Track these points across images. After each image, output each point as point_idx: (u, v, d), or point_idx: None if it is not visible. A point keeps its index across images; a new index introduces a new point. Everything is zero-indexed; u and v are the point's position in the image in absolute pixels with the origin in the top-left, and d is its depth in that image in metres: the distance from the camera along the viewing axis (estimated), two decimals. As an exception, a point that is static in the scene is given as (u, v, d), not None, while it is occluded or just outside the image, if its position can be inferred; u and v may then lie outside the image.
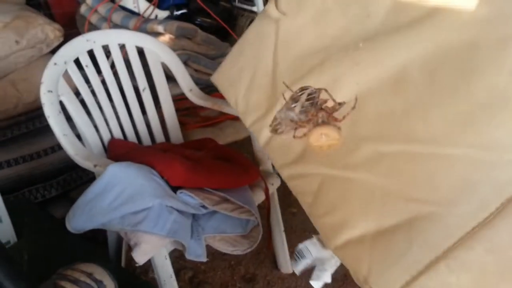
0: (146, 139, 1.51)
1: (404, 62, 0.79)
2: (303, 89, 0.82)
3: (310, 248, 0.90)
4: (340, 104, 0.81)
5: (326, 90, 0.82)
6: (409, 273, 0.68)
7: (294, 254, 0.94)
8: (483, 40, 0.71)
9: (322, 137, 0.80)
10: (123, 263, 1.45)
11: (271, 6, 1.01)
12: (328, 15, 0.94)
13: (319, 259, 0.90)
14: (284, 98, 0.89)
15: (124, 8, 2.16)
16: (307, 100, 0.80)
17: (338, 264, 0.90)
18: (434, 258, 0.68)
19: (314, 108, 0.79)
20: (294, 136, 0.86)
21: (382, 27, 0.84)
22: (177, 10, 2.15)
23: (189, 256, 1.13)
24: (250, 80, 1.04)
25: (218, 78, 1.15)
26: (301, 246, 0.93)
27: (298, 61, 0.95)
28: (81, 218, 1.09)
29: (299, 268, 0.94)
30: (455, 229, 0.67)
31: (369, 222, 0.76)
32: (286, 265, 1.63)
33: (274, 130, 0.89)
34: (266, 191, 1.34)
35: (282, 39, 1.00)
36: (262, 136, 0.98)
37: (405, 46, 0.79)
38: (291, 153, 0.91)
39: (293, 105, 0.81)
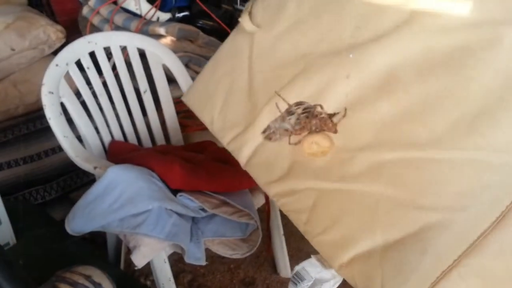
0: (146, 141, 1.51)
1: (390, 67, 0.77)
2: (299, 103, 0.82)
3: (309, 270, 0.85)
4: (333, 115, 0.81)
5: (321, 106, 0.82)
6: (424, 286, 0.67)
7: (292, 277, 0.88)
8: (471, 43, 0.71)
9: (313, 145, 0.80)
10: (122, 266, 1.44)
11: (245, 19, 0.97)
12: (302, 25, 0.91)
13: (318, 280, 0.85)
14: (278, 108, 0.87)
15: (126, 10, 2.16)
16: (303, 113, 0.80)
17: (337, 284, 0.86)
18: (446, 268, 0.66)
19: (308, 118, 0.79)
20: (289, 143, 0.85)
21: (361, 34, 0.82)
22: (179, 12, 2.15)
23: (188, 259, 1.13)
24: (225, 98, 0.99)
25: (190, 98, 1.08)
26: (298, 268, 0.87)
27: (275, 72, 0.92)
28: (80, 220, 1.09)
29: None
30: (465, 235, 0.66)
31: (376, 236, 0.73)
32: (286, 269, 1.63)
33: (268, 138, 0.88)
34: (266, 194, 1.34)
35: (256, 52, 0.96)
36: (242, 154, 0.94)
37: (390, 51, 0.78)
38: (277, 169, 0.88)
39: (288, 118, 0.81)
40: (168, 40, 1.93)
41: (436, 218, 0.69)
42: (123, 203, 1.08)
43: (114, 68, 1.43)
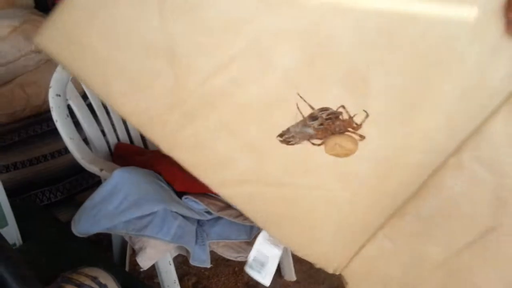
0: (152, 144, 1.52)
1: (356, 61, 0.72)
2: (323, 109, 0.80)
3: (265, 251, 0.87)
4: (352, 117, 0.80)
5: (343, 106, 0.80)
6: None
7: (251, 266, 0.86)
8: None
9: (337, 146, 0.80)
10: (127, 268, 1.45)
11: None
12: None
13: (272, 257, 0.89)
14: (299, 110, 0.81)
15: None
16: (327, 118, 0.79)
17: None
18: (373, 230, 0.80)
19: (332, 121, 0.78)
20: (312, 144, 0.83)
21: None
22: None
23: (193, 261, 1.13)
24: (129, 58, 0.69)
25: (53, 40, 0.72)
26: (255, 253, 0.87)
27: (207, 39, 0.68)
28: (86, 222, 1.09)
29: (266, 279, 0.88)
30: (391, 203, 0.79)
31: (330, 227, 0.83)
32: (290, 273, 1.63)
33: (286, 142, 0.86)
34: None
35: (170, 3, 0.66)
36: (163, 139, 0.75)
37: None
38: (224, 163, 0.78)
39: (311, 122, 0.80)
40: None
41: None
42: (128, 205, 1.09)
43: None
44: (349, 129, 0.77)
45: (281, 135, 0.79)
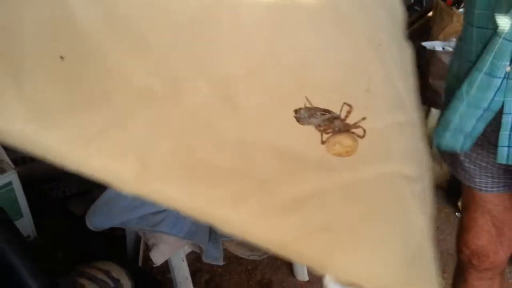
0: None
1: None
2: (325, 111, 0.80)
3: None
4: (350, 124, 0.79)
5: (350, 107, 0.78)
6: None
7: None
8: None
9: (337, 145, 0.79)
10: (140, 263, 1.45)
11: None
12: None
13: None
14: (308, 100, 0.78)
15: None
16: (326, 119, 0.79)
17: None
18: None
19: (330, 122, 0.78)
20: (322, 142, 0.79)
21: None
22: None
23: (206, 258, 1.13)
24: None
25: None
26: None
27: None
28: (101, 217, 1.10)
29: None
30: None
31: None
32: (302, 273, 1.61)
33: (296, 119, 0.85)
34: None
35: None
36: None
37: None
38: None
39: (313, 118, 0.80)
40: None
41: None
42: (143, 200, 1.08)
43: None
44: (349, 128, 0.77)
45: (295, 111, 0.77)
